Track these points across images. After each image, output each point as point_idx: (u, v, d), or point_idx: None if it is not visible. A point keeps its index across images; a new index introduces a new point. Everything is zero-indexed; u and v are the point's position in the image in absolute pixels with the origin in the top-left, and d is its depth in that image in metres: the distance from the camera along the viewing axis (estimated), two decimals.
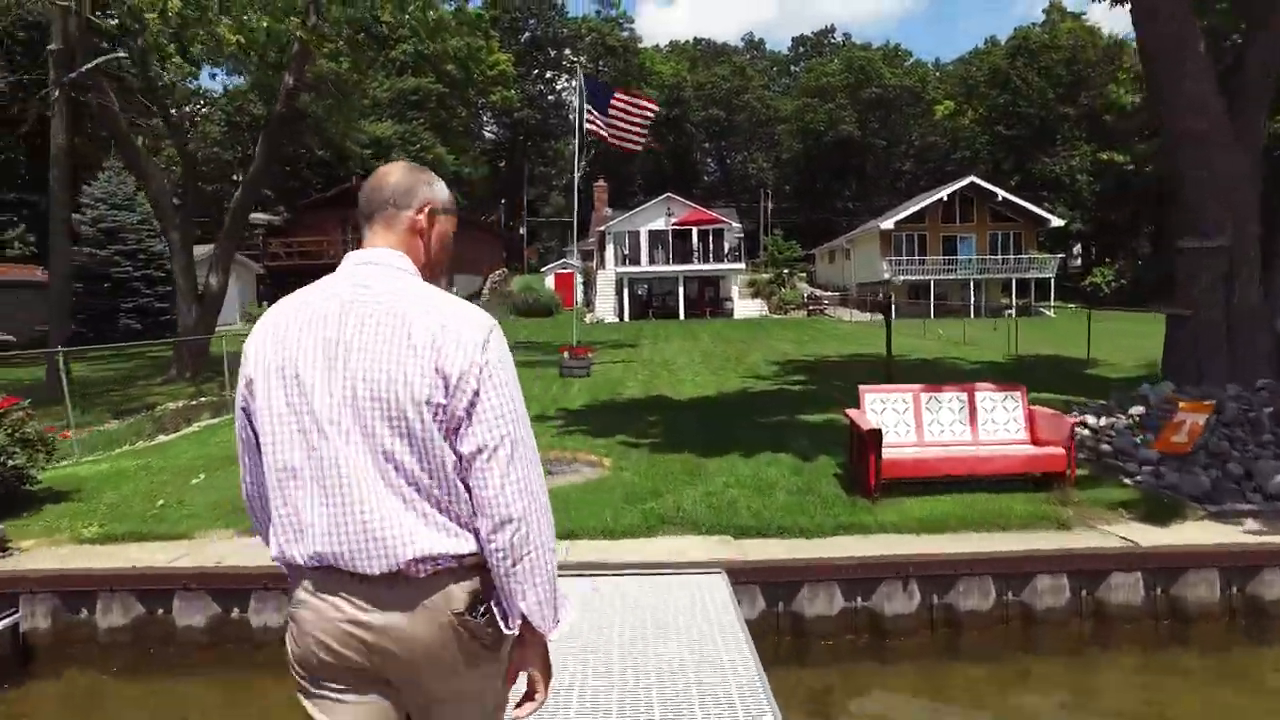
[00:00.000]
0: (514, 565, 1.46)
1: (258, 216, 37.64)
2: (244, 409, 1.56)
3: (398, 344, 1.44)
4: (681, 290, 37.69)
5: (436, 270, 1.67)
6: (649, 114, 16.90)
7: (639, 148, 16.85)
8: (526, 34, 73.03)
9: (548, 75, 76.09)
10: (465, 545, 1.47)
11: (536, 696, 1.57)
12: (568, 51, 74.80)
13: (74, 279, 28.44)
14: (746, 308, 38.79)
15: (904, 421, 6.60)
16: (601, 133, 16.47)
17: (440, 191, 1.67)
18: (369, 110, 41.01)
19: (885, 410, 6.62)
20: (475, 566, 1.49)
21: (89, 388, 15.52)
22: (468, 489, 1.47)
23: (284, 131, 16.50)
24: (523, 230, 69.23)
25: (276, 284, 38.17)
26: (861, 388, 6.76)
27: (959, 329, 26.86)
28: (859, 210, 67.43)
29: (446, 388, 1.43)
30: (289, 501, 1.49)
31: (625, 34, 68.60)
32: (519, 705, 1.58)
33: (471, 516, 1.47)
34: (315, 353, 1.47)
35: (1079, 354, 18.37)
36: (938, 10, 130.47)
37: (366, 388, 1.43)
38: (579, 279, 43.17)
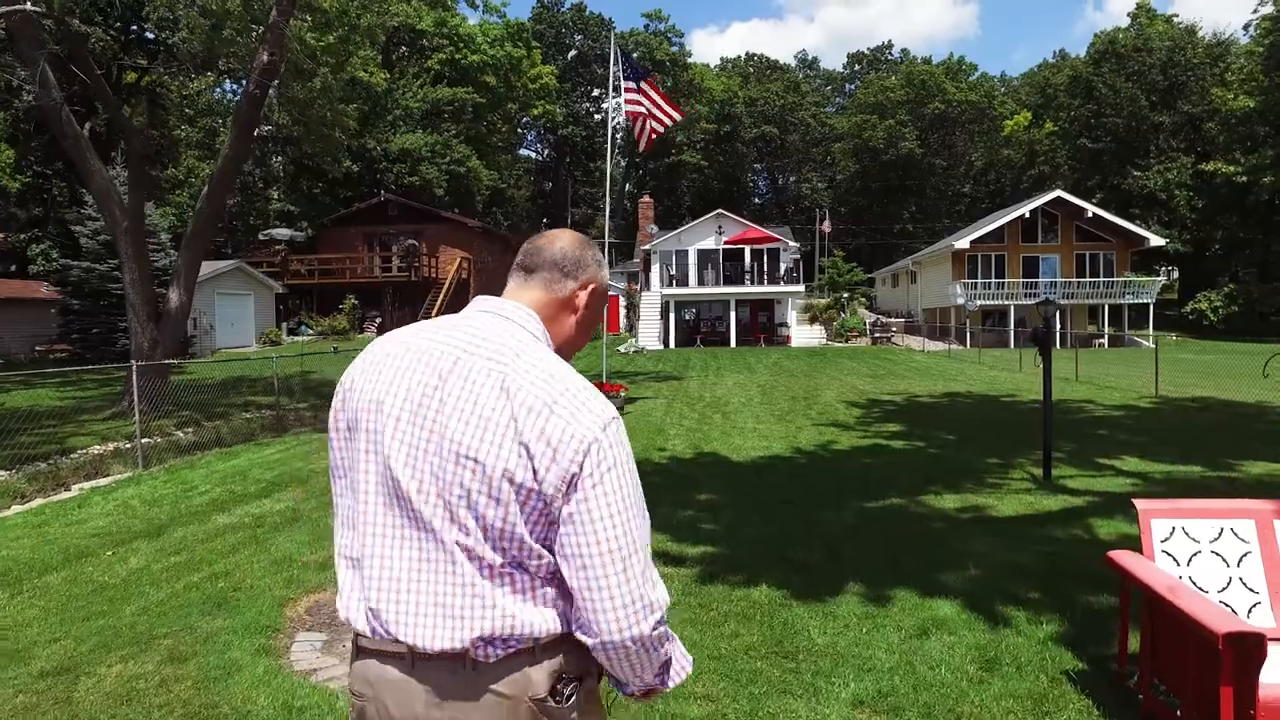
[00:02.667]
0: (613, 665, 1.32)
1: (279, 232, 35.48)
2: (334, 442, 1.42)
3: (495, 411, 1.26)
4: (733, 315, 34.31)
5: (572, 352, 1.51)
6: (669, 118, 13.95)
7: (655, 134, 13.87)
8: (573, 51, 71.03)
9: (594, 93, 73.89)
10: (543, 625, 1.29)
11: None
12: (615, 70, 72.59)
13: (71, 295, 26.58)
14: (804, 334, 35.19)
15: (1241, 580, 3.14)
16: (639, 110, 13.44)
17: (603, 269, 1.54)
18: (400, 120, 38.78)
19: (1199, 554, 3.17)
20: (555, 644, 1.31)
21: (10, 422, 12.76)
22: (555, 579, 1.30)
23: (256, 116, 13.69)
24: None
25: (300, 303, 35.86)
26: (1142, 507, 3.30)
27: (1059, 361, 22.98)
28: (918, 233, 63.45)
29: (537, 475, 1.24)
30: (354, 557, 1.36)
31: (675, 48, 65.95)
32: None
33: (555, 599, 1.31)
34: (405, 397, 1.31)
35: (1238, 396, 14.50)
36: (992, 32, 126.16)
37: (451, 448, 1.27)
38: (621, 301, 40.08)
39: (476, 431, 1.25)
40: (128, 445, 11.47)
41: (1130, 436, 10.36)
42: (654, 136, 13.84)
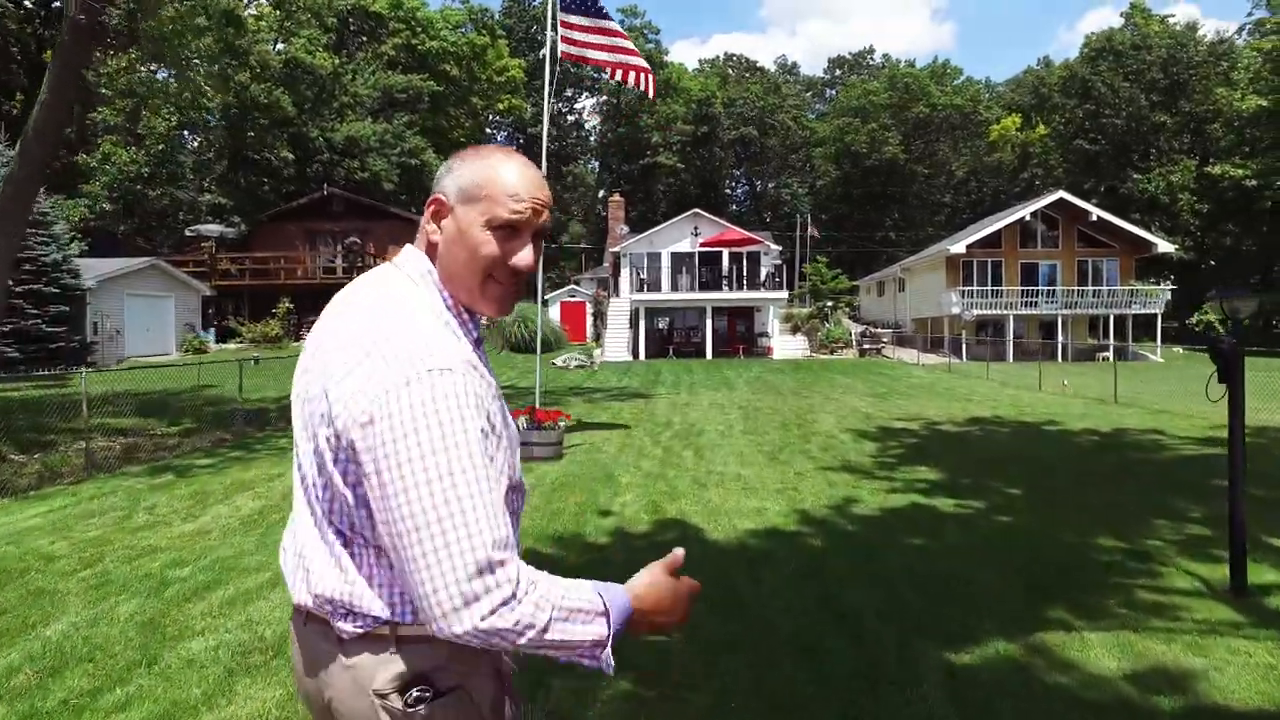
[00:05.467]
0: (514, 645, 1.09)
1: (208, 228, 31.94)
2: None
3: (324, 360, 1.18)
4: (709, 323, 31.26)
5: (460, 280, 1.25)
6: (628, 55, 10.89)
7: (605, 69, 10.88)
8: (544, 50, 67.97)
9: (567, 93, 70.90)
10: (383, 608, 1.16)
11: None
12: (589, 69, 69.69)
13: None
14: (787, 346, 32.22)
15: None
16: (575, 52, 10.47)
17: (462, 174, 1.24)
18: (348, 108, 35.42)
19: None
20: (420, 639, 1.15)
21: None
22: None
23: (84, 52, 10.45)
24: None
25: (233, 306, 32.26)
26: None
27: (1068, 376, 20.22)
28: (901, 242, 61.11)
29: (336, 430, 1.12)
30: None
31: (650, 45, 63.17)
32: None
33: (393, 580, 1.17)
34: (301, 360, 1.29)
35: None
36: (970, 50, 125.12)
37: (301, 405, 1.23)
38: (588, 308, 36.98)
39: (310, 382, 1.20)
40: None
41: (1272, 492, 7.38)
42: (641, 78, 10.75)
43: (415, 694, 1.14)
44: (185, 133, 33.92)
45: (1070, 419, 12.97)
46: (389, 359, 1.09)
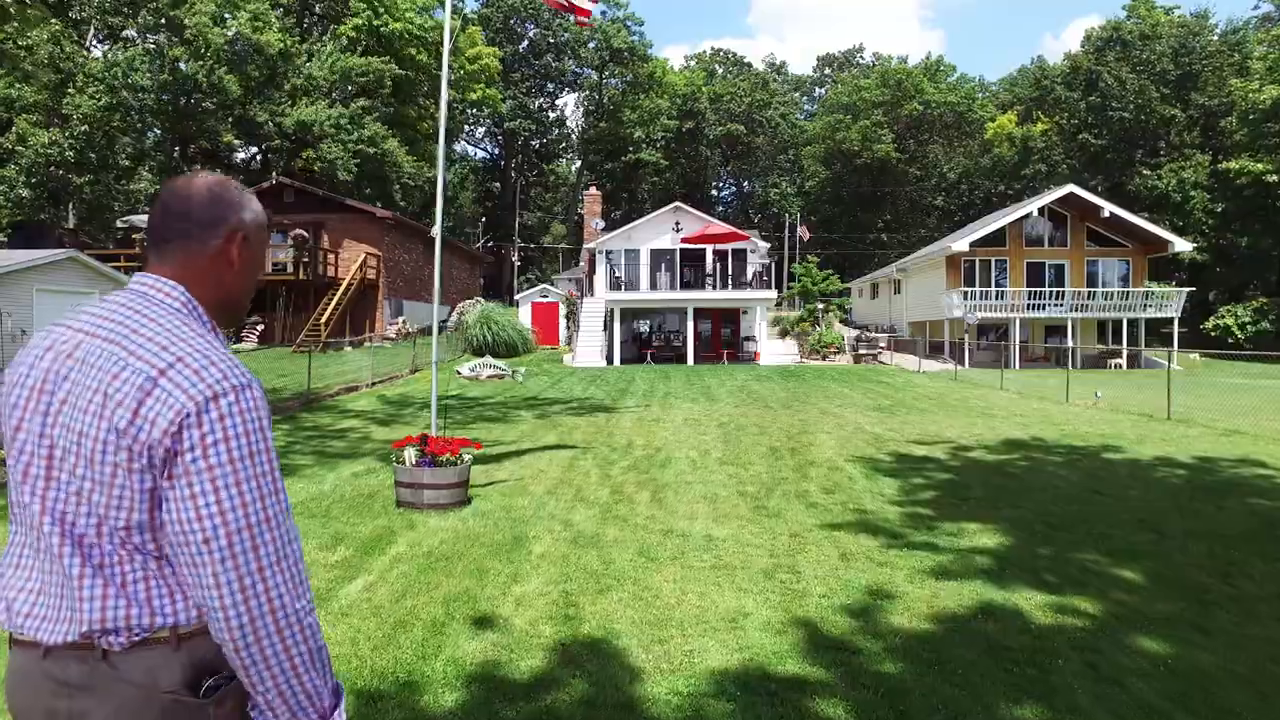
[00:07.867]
0: (237, 653, 1.15)
1: (140, 219, 29.13)
2: None
3: (98, 391, 1.17)
4: (691, 326, 28.66)
5: (241, 304, 1.38)
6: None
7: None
8: (525, 41, 65.34)
9: (548, 88, 68.30)
10: (173, 614, 1.19)
11: None
12: (570, 63, 67.19)
13: None
14: (775, 351, 29.62)
15: None
16: None
17: (252, 208, 1.35)
18: (301, 91, 32.61)
19: None
20: (191, 635, 1.20)
21: None
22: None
23: None
24: (514, 258, 60.70)
25: None
26: None
27: (1117, 388, 17.74)
28: (892, 244, 58.87)
29: (133, 453, 1.14)
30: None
31: (634, 38, 60.67)
32: None
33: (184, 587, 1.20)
34: (31, 388, 1.24)
35: None
36: (961, 51, 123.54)
37: (61, 433, 1.19)
38: (561, 309, 34.31)
39: (80, 414, 1.18)
40: None
41: None
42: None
43: (210, 682, 1.17)
44: (135, 117, 30.95)
45: (1128, 442, 10.43)
46: (192, 376, 1.13)
